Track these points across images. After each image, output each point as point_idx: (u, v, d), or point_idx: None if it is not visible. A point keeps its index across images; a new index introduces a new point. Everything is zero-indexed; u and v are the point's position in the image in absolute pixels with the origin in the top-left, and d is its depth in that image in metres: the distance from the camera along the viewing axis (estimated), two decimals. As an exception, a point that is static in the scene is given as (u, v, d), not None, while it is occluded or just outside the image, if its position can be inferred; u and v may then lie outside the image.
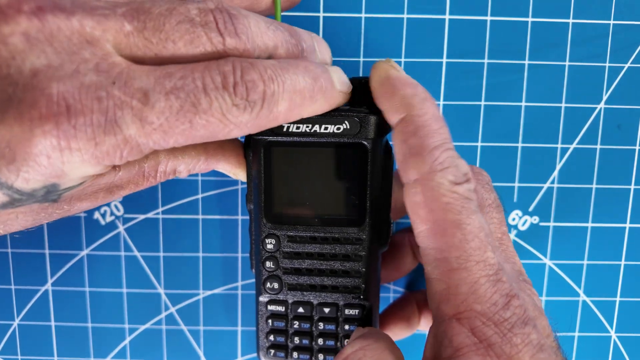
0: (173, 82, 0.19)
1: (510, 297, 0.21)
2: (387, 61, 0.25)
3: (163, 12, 0.20)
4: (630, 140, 0.33)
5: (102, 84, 0.19)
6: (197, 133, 0.20)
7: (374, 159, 0.25)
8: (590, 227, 0.34)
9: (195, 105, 0.19)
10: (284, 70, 0.21)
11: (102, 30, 0.19)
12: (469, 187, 0.22)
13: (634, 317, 0.35)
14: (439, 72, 0.33)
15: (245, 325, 0.36)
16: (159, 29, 0.20)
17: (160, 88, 0.19)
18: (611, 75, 0.33)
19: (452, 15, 0.32)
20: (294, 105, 0.22)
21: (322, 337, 0.28)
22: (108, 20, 0.19)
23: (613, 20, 0.32)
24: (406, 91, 0.23)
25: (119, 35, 0.20)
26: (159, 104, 0.19)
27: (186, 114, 0.19)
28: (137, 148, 0.20)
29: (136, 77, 0.19)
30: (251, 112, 0.20)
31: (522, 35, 0.32)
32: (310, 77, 0.22)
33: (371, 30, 0.32)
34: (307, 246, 0.27)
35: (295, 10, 0.32)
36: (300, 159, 0.26)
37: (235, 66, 0.20)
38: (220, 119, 0.20)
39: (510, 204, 0.34)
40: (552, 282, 0.35)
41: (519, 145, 0.33)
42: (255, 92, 0.20)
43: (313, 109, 0.23)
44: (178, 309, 0.35)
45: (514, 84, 0.33)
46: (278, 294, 0.27)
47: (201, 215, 0.34)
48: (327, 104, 0.23)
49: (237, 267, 0.35)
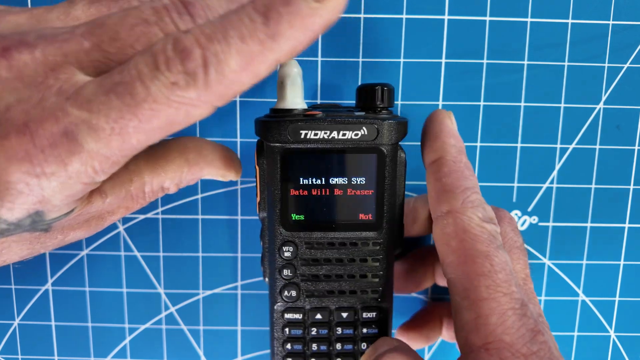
0: (110, 79, 0.19)
1: (535, 332, 0.22)
2: (449, 113, 0.27)
3: (117, 20, 0.20)
4: (630, 140, 0.33)
5: (60, 104, 0.19)
6: (151, 125, 0.19)
7: (390, 164, 0.26)
8: (590, 227, 0.34)
9: (133, 96, 0.18)
10: (226, 20, 0.19)
11: (63, 55, 0.20)
12: (495, 228, 0.24)
13: (633, 317, 0.36)
14: (438, 73, 0.33)
15: (245, 325, 0.36)
16: (115, 37, 0.20)
17: (100, 90, 0.19)
18: (610, 76, 0.33)
19: (451, 15, 0.32)
20: (253, 55, 0.18)
21: (340, 342, 0.28)
22: (68, 44, 0.20)
23: (612, 21, 0.32)
24: (449, 140, 0.26)
25: (80, 54, 0.20)
26: (101, 106, 0.18)
27: (129, 109, 0.18)
28: (107, 161, 0.19)
29: (85, 88, 0.19)
30: (196, 84, 0.18)
31: (521, 35, 0.32)
32: (263, 7, 0.18)
33: (370, 31, 0.32)
34: (326, 252, 0.27)
35: (295, 10, 0.32)
36: (317, 165, 0.26)
37: (166, 41, 0.18)
38: (166, 103, 0.18)
39: (510, 204, 0.34)
40: (552, 282, 0.35)
41: (518, 145, 0.33)
42: (191, 60, 0.18)
43: (285, 47, 0.19)
44: (178, 309, 0.35)
45: (513, 84, 0.33)
46: (296, 301, 0.27)
47: (201, 215, 0.34)
48: (301, 31, 0.19)
49: (237, 267, 0.35)
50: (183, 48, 0.18)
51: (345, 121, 0.25)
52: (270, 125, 0.25)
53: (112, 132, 0.19)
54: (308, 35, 0.19)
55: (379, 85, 0.26)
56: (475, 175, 0.25)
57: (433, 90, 0.33)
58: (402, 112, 0.33)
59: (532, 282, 0.27)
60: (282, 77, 0.26)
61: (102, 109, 0.18)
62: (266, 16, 0.18)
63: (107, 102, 0.18)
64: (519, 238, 0.28)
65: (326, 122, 0.25)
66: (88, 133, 0.18)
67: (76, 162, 0.19)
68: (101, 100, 0.18)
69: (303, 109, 0.26)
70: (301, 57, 0.32)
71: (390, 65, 0.32)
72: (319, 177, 0.26)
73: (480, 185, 0.34)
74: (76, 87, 0.19)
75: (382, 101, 0.26)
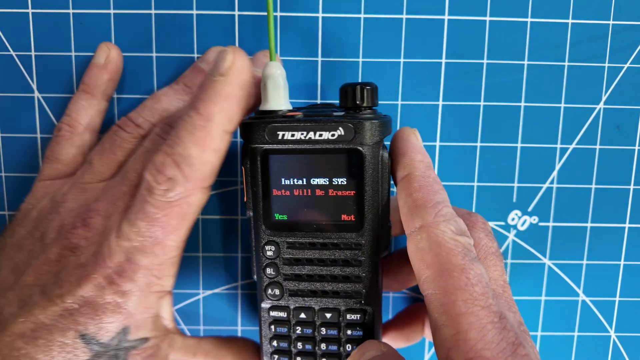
0: (132, 211, 0.25)
1: (516, 345, 0.22)
2: (414, 130, 0.28)
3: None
4: (630, 140, 0.33)
5: (114, 242, 0.26)
6: (171, 226, 0.25)
7: (370, 164, 0.26)
8: (590, 227, 0.34)
9: (148, 215, 0.25)
10: (177, 127, 0.25)
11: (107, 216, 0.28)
12: (469, 241, 0.24)
13: (634, 317, 0.35)
14: (438, 73, 0.33)
15: (245, 325, 0.36)
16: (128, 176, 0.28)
17: (130, 222, 0.25)
18: (610, 76, 0.33)
19: (451, 15, 0.32)
20: (203, 137, 0.24)
21: (324, 342, 0.28)
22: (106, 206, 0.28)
23: (612, 21, 0.32)
24: (416, 156, 0.26)
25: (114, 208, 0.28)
26: (135, 233, 0.25)
27: (152, 226, 0.25)
28: (161, 267, 0.26)
29: (122, 226, 0.25)
30: (178, 181, 0.24)
31: (521, 35, 0.32)
32: (192, 103, 0.25)
33: (370, 31, 0.32)
34: (307, 252, 0.27)
35: (295, 10, 0.32)
36: (297, 165, 0.26)
37: (150, 167, 0.25)
38: (169, 206, 0.25)
39: (510, 204, 0.34)
40: (552, 282, 0.35)
41: (518, 146, 0.33)
42: (166, 167, 0.25)
43: (221, 117, 0.25)
44: (178, 309, 0.35)
45: (513, 84, 0.33)
46: (280, 300, 0.27)
47: (201, 215, 0.34)
48: (223, 101, 0.24)
49: (237, 267, 0.35)
50: (160, 164, 0.25)
51: (321, 121, 0.25)
52: (249, 127, 0.26)
53: (152, 244, 0.25)
54: (231, 100, 0.25)
55: (359, 84, 0.26)
56: (445, 190, 0.25)
57: (433, 90, 0.33)
58: (402, 112, 0.33)
59: (510, 287, 0.26)
60: (265, 79, 0.26)
61: (137, 234, 0.25)
62: (196, 107, 0.25)
63: (137, 227, 0.25)
64: (493, 243, 0.27)
65: (302, 122, 0.25)
66: (139, 253, 0.25)
67: (140, 276, 0.25)
68: (134, 229, 0.25)
69: (287, 110, 0.26)
70: (301, 57, 0.32)
71: (390, 65, 0.32)
72: (300, 178, 0.26)
73: (480, 185, 0.34)
74: (118, 226, 0.25)
75: (363, 100, 0.26)
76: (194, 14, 0.32)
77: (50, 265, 0.26)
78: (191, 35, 0.32)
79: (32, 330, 0.24)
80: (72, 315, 0.25)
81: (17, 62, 0.32)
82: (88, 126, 0.31)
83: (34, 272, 0.26)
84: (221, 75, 0.24)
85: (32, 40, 0.32)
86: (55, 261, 0.26)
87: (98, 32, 0.32)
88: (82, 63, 0.32)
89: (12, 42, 0.32)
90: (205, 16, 0.32)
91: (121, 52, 0.32)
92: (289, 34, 0.32)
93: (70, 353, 0.25)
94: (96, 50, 0.31)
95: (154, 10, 0.32)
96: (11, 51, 0.32)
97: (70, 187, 0.29)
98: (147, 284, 0.26)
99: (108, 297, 0.25)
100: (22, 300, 0.25)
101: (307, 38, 0.32)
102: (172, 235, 0.25)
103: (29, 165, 0.33)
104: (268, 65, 0.26)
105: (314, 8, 0.32)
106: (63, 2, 0.32)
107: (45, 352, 0.24)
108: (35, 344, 0.24)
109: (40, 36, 0.32)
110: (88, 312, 0.25)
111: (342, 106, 0.27)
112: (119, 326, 0.25)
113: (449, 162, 0.34)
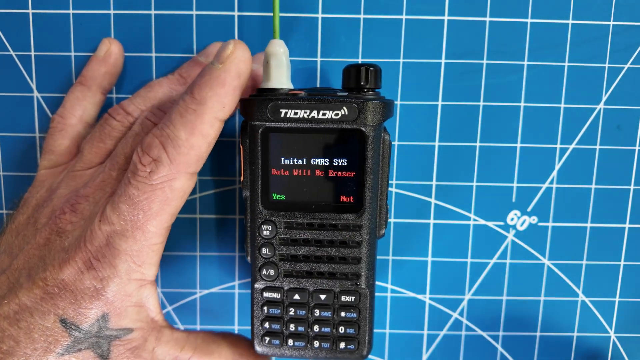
0: (117, 194, 0.25)
1: None
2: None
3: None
4: (630, 140, 0.33)
5: (96, 226, 0.26)
6: (153, 210, 0.25)
7: (372, 145, 0.25)
8: (589, 227, 0.34)
9: (131, 198, 0.25)
10: (170, 110, 0.25)
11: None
12: None
13: (633, 318, 0.35)
14: (437, 73, 0.33)
15: (242, 325, 0.36)
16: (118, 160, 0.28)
17: (113, 206, 0.25)
18: (611, 76, 0.33)
19: (451, 16, 0.32)
20: (193, 121, 0.24)
21: (317, 324, 0.28)
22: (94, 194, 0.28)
23: (613, 21, 0.32)
24: None
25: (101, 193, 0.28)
26: (116, 216, 0.25)
27: (133, 208, 0.25)
28: (140, 254, 0.26)
29: (106, 209, 0.26)
30: (163, 162, 0.24)
31: (521, 35, 0.32)
32: (189, 88, 0.25)
33: (370, 31, 0.32)
34: (304, 232, 0.27)
35: (295, 11, 0.32)
36: (298, 144, 0.26)
37: (138, 148, 0.25)
38: (151, 188, 0.24)
39: (509, 204, 0.34)
40: (551, 283, 0.35)
41: (518, 146, 0.33)
42: (153, 148, 0.24)
43: (213, 103, 0.24)
44: (175, 308, 0.36)
45: (513, 84, 0.33)
46: (274, 280, 0.27)
47: (199, 214, 0.34)
48: (219, 88, 0.24)
49: (234, 266, 0.35)
50: (147, 145, 0.25)
51: (325, 100, 0.25)
52: (251, 104, 0.25)
53: (133, 228, 0.25)
54: (227, 88, 0.24)
55: (364, 65, 0.26)
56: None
57: (433, 90, 0.33)
58: (402, 112, 0.33)
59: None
60: (267, 57, 0.26)
61: (118, 217, 0.25)
62: (192, 92, 0.25)
63: (119, 211, 0.25)
64: None
65: (306, 101, 0.25)
66: (118, 237, 0.25)
67: (119, 262, 0.25)
68: (116, 212, 0.25)
69: (288, 89, 0.26)
70: (301, 57, 0.32)
71: (390, 65, 0.32)
72: (300, 158, 0.26)
73: (479, 185, 0.34)
74: (102, 209, 0.25)
75: (367, 82, 0.26)
76: (193, 14, 0.32)
77: (39, 249, 0.26)
78: (191, 35, 0.32)
79: (15, 312, 0.25)
80: (52, 299, 0.25)
81: (16, 62, 0.32)
82: (81, 118, 0.31)
83: (24, 256, 0.26)
84: (221, 62, 0.25)
85: (32, 40, 0.32)
86: (43, 245, 0.26)
87: (98, 32, 0.32)
88: (81, 63, 0.32)
89: (12, 42, 0.32)
90: (205, 16, 0.32)
91: (122, 48, 0.32)
92: (289, 34, 0.32)
93: (50, 337, 0.25)
94: (99, 45, 0.32)
95: (154, 10, 0.32)
96: (11, 51, 0.32)
97: (64, 176, 0.30)
98: (127, 271, 0.25)
99: (87, 281, 0.25)
100: (12, 283, 0.26)
101: (307, 38, 0.32)
102: (154, 220, 0.25)
103: (27, 165, 0.33)
104: (271, 42, 0.26)
105: (314, 8, 0.32)
106: (63, 2, 0.32)
107: (26, 334, 0.24)
108: (18, 325, 0.24)
109: (40, 36, 0.32)
110: (67, 297, 0.25)
111: (344, 87, 0.27)
112: (98, 312, 0.25)
113: (448, 162, 0.34)
